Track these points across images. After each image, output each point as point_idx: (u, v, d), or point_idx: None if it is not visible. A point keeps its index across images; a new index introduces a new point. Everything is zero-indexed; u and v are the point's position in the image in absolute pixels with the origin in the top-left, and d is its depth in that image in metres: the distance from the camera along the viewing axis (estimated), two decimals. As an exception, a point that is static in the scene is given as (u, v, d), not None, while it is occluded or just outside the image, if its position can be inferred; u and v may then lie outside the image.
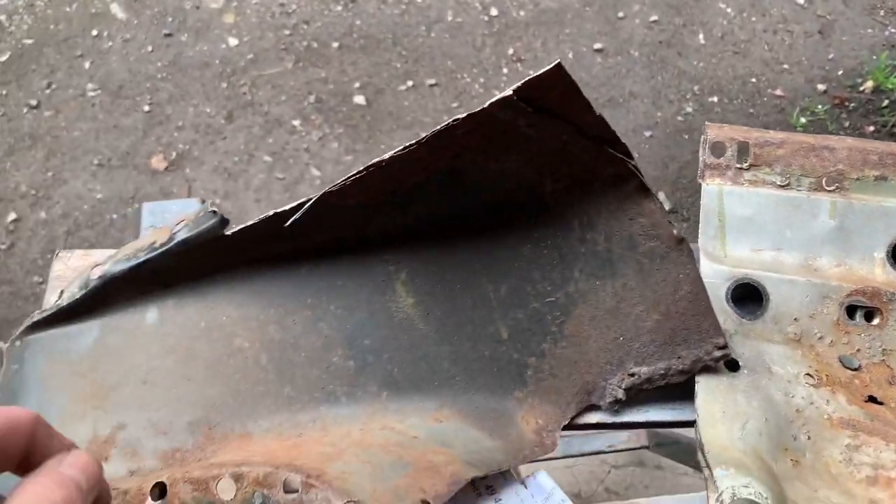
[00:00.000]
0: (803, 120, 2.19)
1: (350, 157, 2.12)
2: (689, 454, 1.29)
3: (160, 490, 0.51)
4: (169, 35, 2.26)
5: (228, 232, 0.59)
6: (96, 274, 0.61)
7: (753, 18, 2.35)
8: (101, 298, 0.62)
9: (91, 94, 2.18)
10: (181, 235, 0.59)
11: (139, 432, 0.58)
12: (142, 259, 0.60)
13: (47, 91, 2.18)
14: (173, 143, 2.11)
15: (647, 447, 1.49)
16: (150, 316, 0.62)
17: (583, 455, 1.51)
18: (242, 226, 0.58)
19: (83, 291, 0.62)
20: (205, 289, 0.62)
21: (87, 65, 2.21)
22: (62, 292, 0.64)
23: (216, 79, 2.20)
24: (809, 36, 2.33)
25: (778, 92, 2.25)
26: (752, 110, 2.21)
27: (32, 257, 1.97)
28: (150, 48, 2.24)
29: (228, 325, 0.62)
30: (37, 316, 0.63)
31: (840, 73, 2.28)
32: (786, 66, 2.28)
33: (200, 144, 2.11)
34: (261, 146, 2.12)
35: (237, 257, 0.62)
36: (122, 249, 0.62)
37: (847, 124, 2.19)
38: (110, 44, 2.24)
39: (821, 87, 2.26)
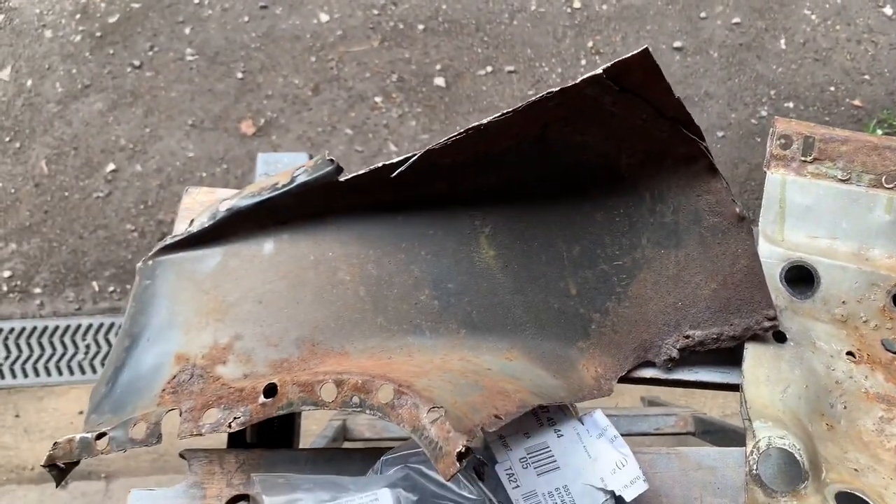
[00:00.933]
0: (879, 132, 2.18)
1: (427, 135, 2.21)
2: (734, 444, 1.32)
3: (271, 389, 0.60)
4: (265, 7, 2.38)
5: (342, 178, 0.67)
6: (224, 206, 0.71)
7: (838, 27, 2.34)
8: (226, 229, 0.72)
9: (189, 58, 2.31)
10: (301, 178, 0.68)
11: (253, 343, 0.67)
12: (265, 196, 0.69)
13: (150, 53, 2.32)
14: (262, 111, 2.23)
15: (692, 433, 1.53)
16: (267, 246, 0.71)
17: (630, 435, 1.57)
18: (354, 174, 0.67)
19: (211, 221, 0.71)
20: (315, 227, 0.71)
21: (187, 30, 2.35)
22: (192, 221, 0.73)
23: (306, 52, 2.32)
24: (894, 48, 2.31)
25: (856, 102, 2.24)
26: (827, 118, 2.21)
27: (127, 206, 2.12)
28: (246, 18, 2.36)
29: (333, 260, 0.71)
30: (168, 240, 0.73)
31: (923, 87, 2.27)
32: (867, 76, 2.27)
33: (287, 113, 2.23)
34: (343, 119, 2.23)
35: (345, 202, 0.71)
36: (248, 188, 0.72)
37: (925, 139, 2.17)
38: (210, 12, 2.37)
39: (901, 100, 2.24)
